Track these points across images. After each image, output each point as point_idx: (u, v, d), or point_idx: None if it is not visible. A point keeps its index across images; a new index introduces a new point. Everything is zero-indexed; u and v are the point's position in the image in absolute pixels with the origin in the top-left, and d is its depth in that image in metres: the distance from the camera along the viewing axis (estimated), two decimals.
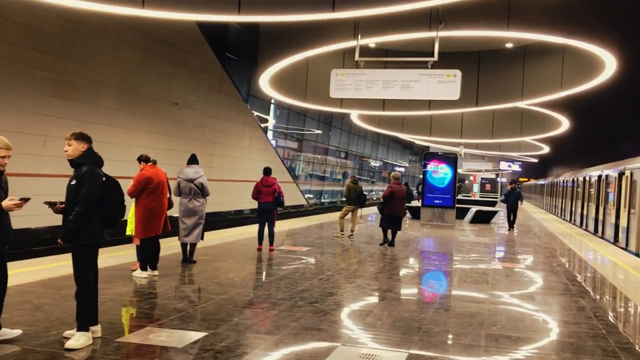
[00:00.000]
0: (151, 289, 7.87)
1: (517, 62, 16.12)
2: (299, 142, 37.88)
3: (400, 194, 13.96)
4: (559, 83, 15.27)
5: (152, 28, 17.75)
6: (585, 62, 14.06)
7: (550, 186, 43.40)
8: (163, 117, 19.56)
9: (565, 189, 33.40)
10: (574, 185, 29.67)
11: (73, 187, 5.22)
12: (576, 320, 7.07)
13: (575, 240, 18.09)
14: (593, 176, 23.93)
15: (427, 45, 12.84)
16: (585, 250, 15.44)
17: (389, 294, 8.33)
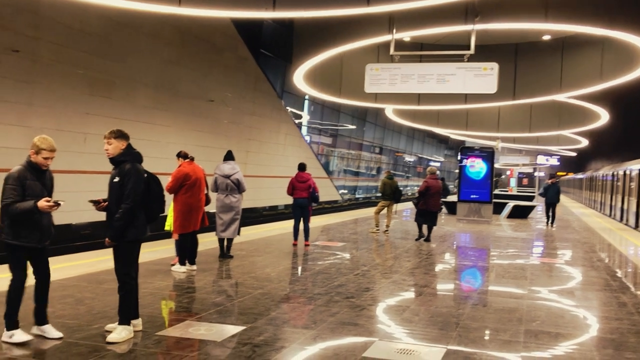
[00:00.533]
0: (190, 284, 7.98)
1: (555, 54, 15.86)
2: (333, 138, 37.87)
3: (436, 189, 13.85)
4: (599, 75, 14.97)
5: (188, 26, 17.93)
6: (626, 53, 13.75)
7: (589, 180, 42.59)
8: (199, 114, 19.76)
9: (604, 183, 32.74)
10: (613, 179, 29.06)
11: (116, 184, 5.31)
12: (617, 316, 6.94)
13: (615, 235, 17.73)
14: (634, 170, 23.40)
15: (463, 38, 12.70)
16: (626, 245, 15.13)
17: (425, 289, 8.30)
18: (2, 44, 12.32)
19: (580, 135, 34.80)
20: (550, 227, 18.33)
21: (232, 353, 5.06)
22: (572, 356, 5.36)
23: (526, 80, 16.35)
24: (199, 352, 5.07)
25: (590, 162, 58.02)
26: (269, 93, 24.86)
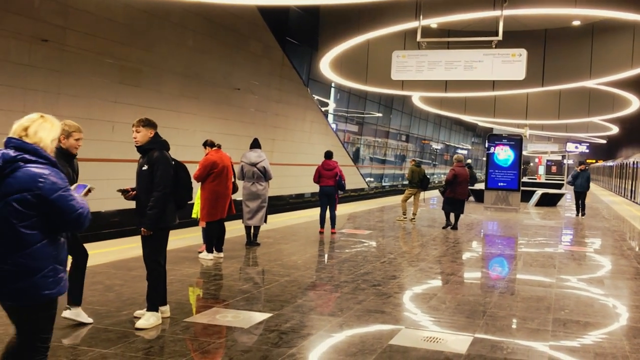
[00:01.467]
0: (217, 271, 8.05)
1: (585, 40, 15.58)
2: (360, 126, 37.75)
3: (464, 177, 13.75)
4: (630, 61, 14.67)
5: (215, 14, 17.98)
6: None
7: (619, 168, 41.90)
8: (225, 102, 19.85)
9: (636, 171, 32.18)
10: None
11: (145, 172, 5.35)
12: None
13: None
14: None
15: (490, 24, 12.55)
16: None
17: (452, 277, 8.26)
18: (31, 34, 12.50)
19: (610, 122, 34.24)
20: (581, 217, 17.82)
21: (259, 340, 5.11)
22: (602, 345, 5.30)
23: (555, 66, 16.10)
24: (226, 339, 5.12)
25: (621, 150, 57.04)
26: (295, 80, 24.87)
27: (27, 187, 2.97)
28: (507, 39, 11.18)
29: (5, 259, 2.97)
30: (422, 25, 11.89)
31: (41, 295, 3.04)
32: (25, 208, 2.98)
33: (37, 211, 3.00)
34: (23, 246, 2.99)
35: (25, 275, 2.99)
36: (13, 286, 2.99)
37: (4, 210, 2.97)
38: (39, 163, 3.05)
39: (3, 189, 2.99)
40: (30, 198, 2.97)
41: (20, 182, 2.97)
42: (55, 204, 3.01)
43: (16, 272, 2.98)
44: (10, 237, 2.98)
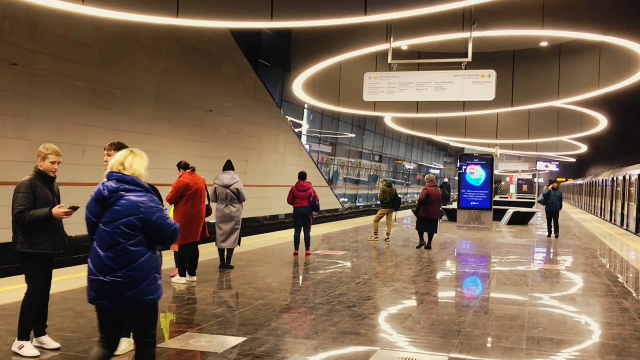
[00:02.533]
0: (190, 295, 7.96)
1: (553, 60, 15.88)
2: (333, 147, 37.90)
3: (436, 197, 13.87)
4: (596, 81, 14.97)
5: (187, 37, 17.98)
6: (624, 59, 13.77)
7: (589, 186, 42.59)
8: (199, 124, 19.79)
9: (604, 189, 32.74)
10: (613, 185, 29.07)
11: None
12: (620, 322, 6.92)
13: (616, 241, 17.71)
14: (633, 175, 23.41)
15: (460, 46, 12.74)
16: (627, 251, 15.11)
17: (427, 297, 8.28)
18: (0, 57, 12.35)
19: (579, 141, 34.80)
20: (554, 237, 17.33)
21: None
22: None
23: (524, 87, 16.36)
24: None
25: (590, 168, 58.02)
26: (268, 102, 24.92)
27: (132, 212, 3.69)
28: (476, 60, 11.35)
29: (119, 273, 3.67)
30: (393, 47, 12.02)
31: (146, 300, 3.74)
32: (132, 230, 3.69)
33: (141, 231, 3.71)
34: (131, 261, 3.69)
35: (134, 285, 3.69)
36: (125, 294, 3.68)
37: (114, 233, 3.69)
38: (137, 192, 3.76)
39: (111, 215, 3.71)
40: (135, 221, 3.69)
41: (126, 209, 3.69)
42: (156, 224, 3.73)
43: (127, 283, 3.67)
44: (121, 255, 3.68)
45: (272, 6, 8.47)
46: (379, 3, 8.34)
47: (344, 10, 8.62)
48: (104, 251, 3.72)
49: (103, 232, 3.74)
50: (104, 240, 3.73)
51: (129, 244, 3.68)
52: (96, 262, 3.75)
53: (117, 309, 3.76)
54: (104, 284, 3.70)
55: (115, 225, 3.69)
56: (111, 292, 3.69)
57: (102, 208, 3.76)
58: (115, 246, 3.68)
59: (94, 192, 3.79)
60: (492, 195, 20.83)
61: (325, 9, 8.69)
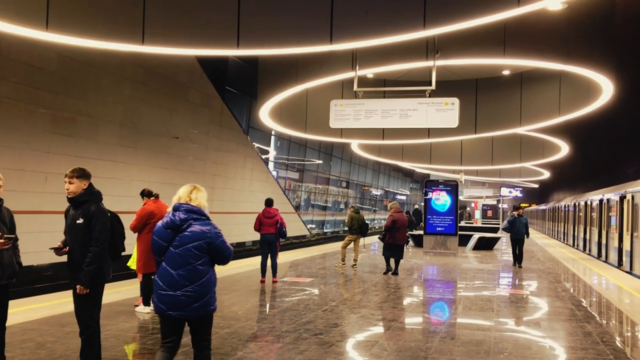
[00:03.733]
0: (154, 325, 7.82)
1: (515, 88, 16.22)
2: (300, 173, 37.96)
3: (402, 222, 13.98)
4: (557, 108, 15.33)
5: (152, 63, 17.94)
6: (583, 87, 14.14)
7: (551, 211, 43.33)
8: (164, 151, 19.66)
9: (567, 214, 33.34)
10: (575, 210, 29.62)
11: (80, 225, 5.12)
12: (583, 346, 7.01)
13: (579, 265, 18.00)
14: (594, 200, 23.92)
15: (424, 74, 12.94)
16: (590, 275, 15.36)
17: (394, 323, 8.28)
18: None
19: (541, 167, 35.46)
20: (518, 267, 16.28)
21: None
22: None
23: (487, 114, 16.66)
24: None
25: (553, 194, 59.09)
26: (235, 129, 24.90)
27: (201, 237, 4.47)
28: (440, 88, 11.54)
29: (189, 288, 4.42)
30: (359, 75, 12.15)
31: (209, 310, 4.54)
32: (200, 252, 4.46)
33: (207, 252, 4.49)
34: (199, 278, 4.46)
35: (200, 297, 4.45)
36: (193, 306, 4.43)
37: (186, 255, 4.43)
38: (201, 220, 4.55)
39: (182, 240, 4.46)
40: (203, 245, 4.47)
41: (195, 234, 4.47)
42: (218, 247, 4.54)
43: (196, 296, 4.43)
44: (191, 273, 4.44)
45: (238, 34, 8.52)
46: (344, 32, 8.45)
47: (309, 38, 8.71)
48: (175, 269, 4.43)
49: (174, 253, 4.46)
50: (175, 260, 4.44)
51: (197, 264, 4.45)
52: (167, 279, 4.44)
53: (185, 318, 4.48)
54: (175, 297, 4.41)
55: (186, 247, 4.44)
56: (181, 304, 4.40)
57: (174, 234, 4.48)
58: (186, 265, 4.43)
59: (163, 221, 4.54)
60: (457, 221, 21.04)
61: (291, 37, 8.77)
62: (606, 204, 21.54)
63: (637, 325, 8.72)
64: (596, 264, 18.70)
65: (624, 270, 17.36)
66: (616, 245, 19.32)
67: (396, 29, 8.30)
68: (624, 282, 13.58)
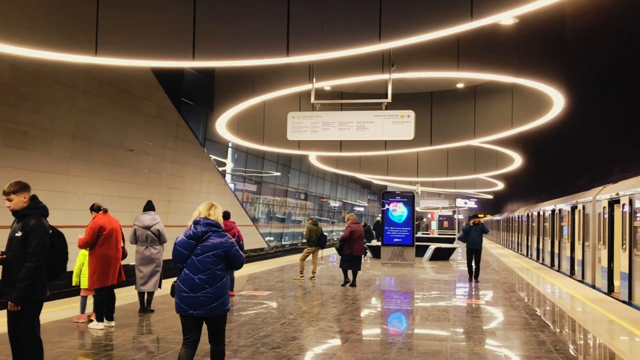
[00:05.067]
0: (108, 341, 7.65)
1: (469, 101, 16.49)
2: (258, 185, 37.80)
3: (359, 233, 14.09)
4: (510, 121, 15.63)
5: (106, 75, 17.67)
6: (534, 100, 14.45)
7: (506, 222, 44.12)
8: (118, 164, 19.34)
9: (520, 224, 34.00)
10: (529, 220, 30.23)
11: (18, 238, 5.03)
12: (537, 355, 7.12)
13: (532, 275, 18.33)
14: (547, 210, 24.45)
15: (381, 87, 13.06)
16: (543, 284, 15.65)
17: (351, 335, 8.28)
18: None
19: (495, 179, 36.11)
20: (475, 282, 15.18)
21: None
22: None
23: (442, 126, 16.89)
24: None
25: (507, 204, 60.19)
26: (191, 141, 24.67)
27: (219, 246, 5.24)
28: (396, 101, 11.66)
29: (209, 289, 5.15)
30: (316, 87, 12.20)
31: (224, 310, 5.26)
32: (218, 259, 5.22)
33: (223, 260, 5.26)
34: (217, 281, 5.20)
35: (217, 298, 5.18)
36: (211, 305, 5.16)
37: (206, 262, 5.18)
38: (219, 232, 5.33)
39: (203, 249, 5.20)
40: (221, 253, 5.23)
41: (214, 244, 5.23)
42: (233, 255, 5.30)
43: (214, 297, 5.16)
44: (211, 277, 5.18)
45: (193, 45, 8.46)
46: (301, 44, 8.47)
47: (266, 50, 8.71)
48: (196, 274, 5.16)
49: (196, 260, 5.20)
50: (196, 266, 5.18)
51: (216, 269, 5.21)
52: (189, 283, 5.17)
53: (204, 316, 5.19)
54: (196, 298, 5.13)
55: (207, 255, 5.20)
56: (202, 304, 5.13)
57: (195, 243, 5.22)
58: (206, 270, 5.17)
59: (186, 234, 5.29)
60: (414, 232, 21.23)
61: (248, 48, 8.75)
62: (558, 214, 22.03)
63: (589, 333, 8.91)
64: (549, 273, 19.09)
65: (576, 279, 17.77)
66: (568, 254, 19.76)
67: (352, 42, 8.36)
68: (576, 291, 13.88)
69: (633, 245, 12.94)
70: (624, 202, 13.49)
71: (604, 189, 16.26)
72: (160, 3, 8.76)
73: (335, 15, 8.43)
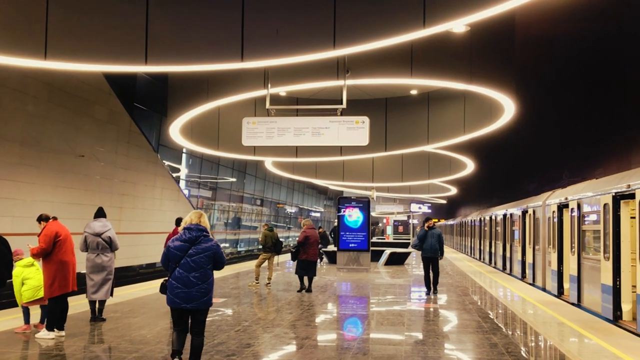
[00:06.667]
0: (58, 351, 7.46)
1: (422, 108, 16.69)
2: (213, 191, 37.48)
3: (315, 239, 14.16)
4: (462, 127, 15.88)
5: (57, 79, 17.29)
6: (486, 107, 14.72)
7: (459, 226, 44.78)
8: (69, 170, 18.91)
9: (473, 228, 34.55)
10: (481, 225, 30.75)
11: None
12: (490, 357, 7.24)
13: (485, 278, 18.64)
14: (499, 215, 24.91)
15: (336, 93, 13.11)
16: (495, 288, 15.93)
17: (307, 341, 8.26)
18: None
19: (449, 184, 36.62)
20: (433, 296, 13.52)
21: None
22: None
23: (396, 132, 17.04)
24: None
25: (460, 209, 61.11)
26: (144, 147, 24.30)
27: (209, 248, 6.23)
28: (351, 107, 11.73)
29: (201, 285, 6.14)
30: (271, 93, 12.17)
31: (210, 303, 6.26)
32: (209, 259, 6.22)
33: (212, 260, 6.25)
34: (207, 278, 6.21)
35: (207, 293, 6.20)
36: (203, 299, 6.17)
37: (200, 261, 6.15)
38: (208, 236, 6.30)
39: (197, 250, 6.16)
40: (211, 254, 6.23)
41: (206, 246, 6.23)
42: (220, 256, 6.32)
43: (204, 292, 6.17)
44: (203, 274, 6.17)
45: (146, 49, 8.35)
46: (256, 50, 8.45)
47: (220, 55, 8.65)
48: (190, 272, 6.11)
49: (190, 260, 6.14)
50: (190, 266, 6.13)
51: (207, 268, 6.21)
52: (183, 280, 6.11)
53: (193, 309, 6.13)
54: (189, 293, 6.10)
55: (199, 256, 6.17)
56: (194, 298, 6.10)
57: (189, 246, 6.17)
58: (199, 269, 6.15)
59: (181, 238, 6.21)
60: (369, 237, 21.36)
61: (202, 53, 8.68)
62: (509, 219, 22.47)
63: (540, 335, 9.10)
64: (501, 276, 19.44)
65: (527, 282, 18.14)
66: (520, 258, 20.17)
67: (307, 48, 8.38)
68: (527, 294, 14.17)
69: (581, 249, 13.28)
70: (573, 207, 13.84)
71: (554, 194, 16.66)
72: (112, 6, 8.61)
73: (290, 21, 8.44)
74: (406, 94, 16.69)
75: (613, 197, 11.17)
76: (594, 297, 12.20)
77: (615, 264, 10.99)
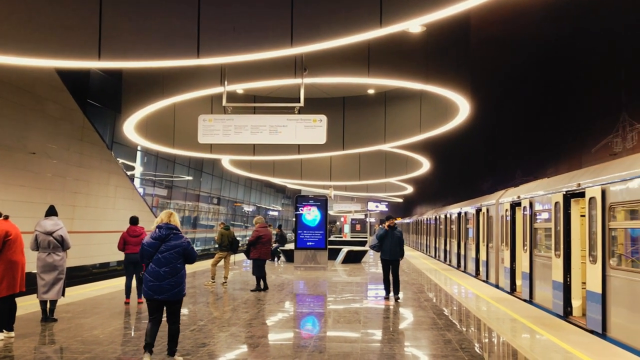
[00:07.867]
0: (7, 352, 7.27)
1: (379, 107, 16.80)
2: (169, 190, 37.03)
3: (267, 237, 14.17)
4: (418, 127, 16.04)
5: (7, 74, 16.80)
6: (441, 107, 14.90)
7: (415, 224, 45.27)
8: (19, 167, 18.41)
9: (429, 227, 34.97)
10: (436, 223, 31.14)
11: None
12: (444, 354, 7.33)
13: (440, 276, 18.88)
14: (453, 213, 25.26)
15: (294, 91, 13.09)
16: (450, 285, 16.15)
17: (263, 340, 8.23)
18: None
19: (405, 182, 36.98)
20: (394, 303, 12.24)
21: None
22: None
23: (354, 131, 17.12)
24: None
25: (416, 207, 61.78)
26: (98, 144, 23.83)
27: (179, 245, 6.87)
28: (309, 105, 11.72)
29: (171, 278, 6.73)
30: (228, 90, 12.08)
31: (182, 295, 6.86)
32: (178, 255, 6.84)
33: (182, 255, 6.88)
34: (178, 272, 6.82)
35: (177, 286, 6.78)
36: (173, 291, 6.73)
37: (170, 257, 6.77)
38: (178, 234, 6.95)
39: (167, 247, 6.80)
40: (181, 250, 6.86)
41: (176, 243, 6.86)
42: (190, 252, 6.97)
43: (175, 285, 6.75)
44: (173, 269, 6.77)
45: (99, 45, 8.18)
46: (212, 47, 8.36)
47: (176, 52, 8.53)
48: (160, 267, 6.71)
49: (161, 257, 6.76)
50: (160, 261, 6.74)
51: (177, 263, 6.81)
52: (154, 274, 6.71)
53: (165, 300, 6.72)
54: (160, 286, 6.67)
55: (170, 252, 6.78)
56: (164, 290, 6.68)
57: (160, 243, 6.78)
58: (169, 264, 6.75)
59: (152, 236, 6.82)
60: (326, 235, 21.41)
61: (157, 49, 8.54)
62: (464, 217, 22.82)
63: (493, 331, 9.26)
64: (456, 274, 19.72)
65: (481, 279, 18.45)
66: (474, 255, 20.49)
67: (264, 45, 8.34)
68: (481, 291, 14.41)
69: (533, 246, 13.57)
70: (525, 205, 14.13)
71: (507, 192, 16.98)
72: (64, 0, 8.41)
73: (247, 18, 8.38)
74: (363, 93, 16.78)
75: (564, 195, 11.43)
76: (546, 293, 12.48)
77: (566, 261, 11.26)
